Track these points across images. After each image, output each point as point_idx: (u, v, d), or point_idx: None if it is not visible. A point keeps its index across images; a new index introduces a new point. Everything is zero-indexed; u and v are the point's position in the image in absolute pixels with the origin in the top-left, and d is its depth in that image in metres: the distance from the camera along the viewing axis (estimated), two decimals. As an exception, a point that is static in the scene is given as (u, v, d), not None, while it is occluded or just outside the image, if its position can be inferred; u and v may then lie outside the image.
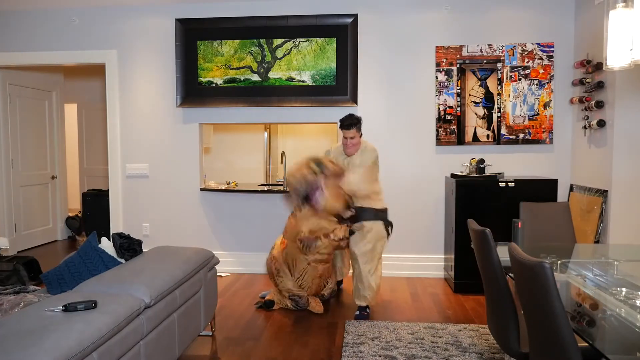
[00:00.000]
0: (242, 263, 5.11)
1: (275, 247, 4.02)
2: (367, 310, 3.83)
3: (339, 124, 3.86)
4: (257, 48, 4.89)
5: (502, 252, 2.18)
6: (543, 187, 4.29)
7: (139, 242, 3.06)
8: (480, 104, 4.76)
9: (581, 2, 4.54)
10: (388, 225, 3.90)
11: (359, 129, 3.83)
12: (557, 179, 4.32)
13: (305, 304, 3.91)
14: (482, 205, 4.29)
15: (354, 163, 3.87)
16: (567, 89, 4.71)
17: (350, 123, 3.78)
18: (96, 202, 6.65)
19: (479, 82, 4.75)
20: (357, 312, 3.80)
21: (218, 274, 4.91)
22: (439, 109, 4.79)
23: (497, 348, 3.17)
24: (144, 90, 5.13)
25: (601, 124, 4.08)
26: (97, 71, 7.40)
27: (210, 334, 3.46)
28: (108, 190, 5.33)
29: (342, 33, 4.79)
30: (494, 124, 4.75)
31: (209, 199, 5.13)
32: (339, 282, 4.43)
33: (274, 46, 4.88)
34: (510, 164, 4.76)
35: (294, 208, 3.94)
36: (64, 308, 2.02)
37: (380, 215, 3.87)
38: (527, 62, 4.69)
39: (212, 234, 5.14)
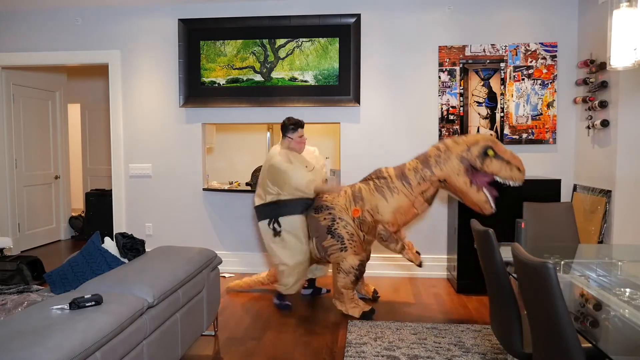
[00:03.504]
0: (245, 263, 5.11)
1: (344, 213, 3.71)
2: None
3: (292, 126, 3.86)
4: (259, 48, 4.89)
5: (505, 253, 2.18)
6: (546, 187, 4.28)
7: (142, 242, 3.07)
8: (483, 104, 4.75)
9: (585, 1, 4.53)
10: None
11: None
12: (560, 179, 4.31)
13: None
14: (485, 205, 4.27)
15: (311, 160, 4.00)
16: (571, 88, 4.69)
17: (300, 121, 3.93)
18: (99, 202, 6.68)
19: (482, 82, 4.74)
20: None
21: (221, 274, 4.92)
22: (441, 108, 4.79)
23: (500, 348, 3.16)
24: (147, 91, 5.14)
25: (605, 124, 4.07)
26: (101, 71, 7.43)
27: (213, 333, 3.46)
28: (111, 190, 5.35)
29: (345, 33, 4.79)
30: (497, 124, 4.74)
31: (212, 199, 5.13)
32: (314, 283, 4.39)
33: (276, 46, 4.88)
34: (514, 164, 4.75)
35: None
36: (70, 303, 2.04)
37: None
38: (531, 61, 4.68)
39: (215, 234, 5.14)
